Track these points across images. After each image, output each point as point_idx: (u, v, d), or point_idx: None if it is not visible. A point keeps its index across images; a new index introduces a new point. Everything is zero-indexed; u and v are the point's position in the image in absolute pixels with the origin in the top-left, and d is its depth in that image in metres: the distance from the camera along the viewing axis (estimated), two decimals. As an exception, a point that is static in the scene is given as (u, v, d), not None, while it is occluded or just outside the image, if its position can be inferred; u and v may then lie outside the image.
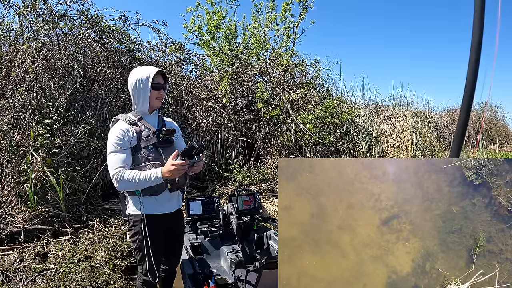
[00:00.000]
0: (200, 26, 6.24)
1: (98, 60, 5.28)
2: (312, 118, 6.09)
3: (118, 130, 1.93)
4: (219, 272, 2.59)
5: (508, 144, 15.21)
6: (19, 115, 4.24)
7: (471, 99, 1.80)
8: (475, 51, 1.75)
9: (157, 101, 2.04)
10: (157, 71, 1.99)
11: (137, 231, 2.02)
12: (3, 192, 3.74)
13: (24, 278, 2.82)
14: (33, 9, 4.90)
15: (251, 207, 2.99)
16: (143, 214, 1.99)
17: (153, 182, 1.85)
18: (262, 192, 5.67)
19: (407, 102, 9.92)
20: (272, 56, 7.04)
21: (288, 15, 5.92)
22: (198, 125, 5.98)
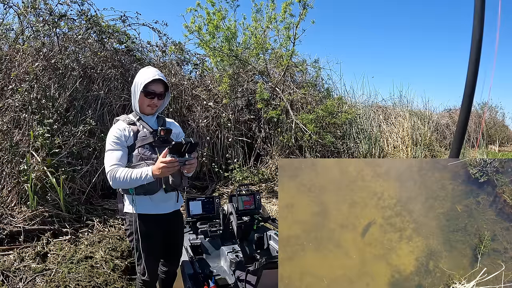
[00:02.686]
0: (200, 26, 6.24)
1: (98, 60, 5.27)
2: (312, 118, 6.08)
3: (115, 129, 1.95)
4: (219, 272, 2.58)
5: (508, 144, 15.20)
6: (19, 115, 4.23)
7: (471, 99, 1.79)
8: (475, 51, 1.74)
9: (148, 108, 2.01)
10: (155, 79, 1.95)
11: (132, 230, 2.02)
12: (3, 192, 3.73)
13: (24, 278, 2.81)
14: (33, 9, 4.89)
15: (251, 207, 2.98)
16: (136, 213, 1.98)
17: (144, 180, 1.83)
18: (262, 192, 5.66)
19: (407, 102, 9.92)
20: (272, 56, 7.03)
21: (288, 15, 5.92)
22: (198, 125, 5.97)
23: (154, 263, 2.15)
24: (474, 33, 1.74)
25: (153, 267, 2.13)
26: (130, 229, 2.03)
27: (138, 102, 1.99)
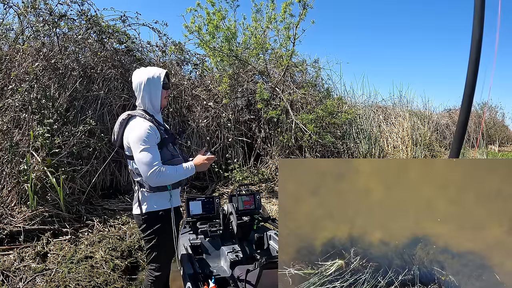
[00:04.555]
0: (200, 26, 6.24)
1: (98, 60, 5.27)
2: (312, 118, 6.08)
3: (146, 127, 1.95)
4: (219, 272, 2.58)
5: (508, 144, 15.21)
6: (19, 115, 4.24)
7: (471, 99, 1.80)
8: (475, 51, 1.74)
9: (165, 100, 2.14)
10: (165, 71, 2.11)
11: (157, 227, 2.08)
12: (3, 192, 3.74)
13: (24, 278, 2.81)
14: (33, 9, 4.90)
15: (251, 207, 2.98)
16: (172, 207, 2.09)
17: (188, 174, 2.06)
18: (262, 192, 5.67)
19: (407, 102, 9.93)
20: (272, 56, 7.03)
21: (288, 15, 5.92)
22: (198, 125, 5.97)
23: (171, 257, 2.25)
24: (474, 33, 1.74)
25: (170, 261, 2.24)
26: (151, 228, 2.08)
27: (159, 97, 2.06)
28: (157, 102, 2.07)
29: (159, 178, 1.91)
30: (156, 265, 2.15)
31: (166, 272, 2.23)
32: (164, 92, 2.09)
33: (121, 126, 2.05)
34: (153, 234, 2.08)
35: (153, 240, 2.09)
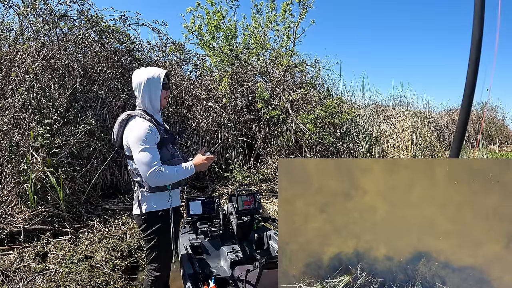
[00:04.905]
0: (200, 26, 6.24)
1: (98, 60, 5.27)
2: (312, 118, 6.08)
3: (145, 127, 1.95)
4: (219, 272, 2.58)
5: (508, 144, 15.21)
6: (19, 115, 4.24)
7: (471, 99, 1.80)
8: (475, 51, 1.74)
9: (164, 101, 2.14)
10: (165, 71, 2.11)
11: (157, 227, 2.07)
12: (3, 192, 3.73)
13: (24, 278, 2.81)
14: (33, 9, 4.89)
15: (251, 207, 2.98)
16: (171, 207, 2.09)
17: (188, 173, 2.06)
18: (262, 192, 5.67)
19: (407, 102, 9.93)
20: (272, 56, 7.03)
21: (288, 15, 5.92)
22: (198, 125, 5.97)
23: (171, 257, 2.24)
24: (474, 33, 1.74)
25: (170, 261, 2.24)
26: (151, 228, 2.08)
27: (158, 97, 2.06)
28: (157, 102, 2.07)
29: (159, 178, 1.91)
30: (156, 265, 2.16)
31: (166, 272, 2.23)
32: (164, 92, 2.09)
33: (120, 126, 2.05)
34: (153, 234, 2.09)
35: (153, 240, 2.09)
